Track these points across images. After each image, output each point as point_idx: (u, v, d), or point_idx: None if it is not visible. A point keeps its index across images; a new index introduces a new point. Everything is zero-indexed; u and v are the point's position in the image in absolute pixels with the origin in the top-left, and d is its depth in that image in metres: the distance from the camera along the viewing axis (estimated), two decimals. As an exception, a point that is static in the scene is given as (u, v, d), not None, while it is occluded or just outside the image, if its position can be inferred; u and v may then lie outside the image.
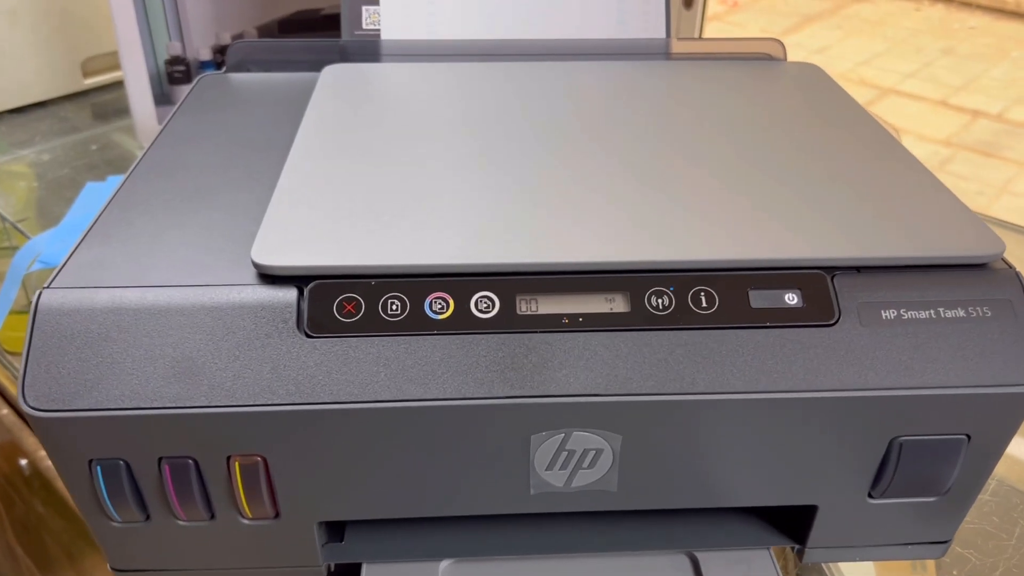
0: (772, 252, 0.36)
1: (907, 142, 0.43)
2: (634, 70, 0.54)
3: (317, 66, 0.53)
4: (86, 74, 0.92)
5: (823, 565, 0.48)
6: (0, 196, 0.77)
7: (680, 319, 0.35)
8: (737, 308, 0.35)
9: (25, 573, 0.99)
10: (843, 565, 0.48)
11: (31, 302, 0.34)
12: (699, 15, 1.04)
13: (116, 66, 0.86)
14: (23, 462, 0.80)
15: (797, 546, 0.41)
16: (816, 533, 0.40)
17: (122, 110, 0.90)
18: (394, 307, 0.35)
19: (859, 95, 0.49)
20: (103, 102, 0.91)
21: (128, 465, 0.35)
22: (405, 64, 0.54)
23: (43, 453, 0.76)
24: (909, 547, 0.41)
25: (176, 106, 0.51)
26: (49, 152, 0.81)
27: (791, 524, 0.41)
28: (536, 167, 0.42)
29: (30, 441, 0.77)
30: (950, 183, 0.40)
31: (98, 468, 0.34)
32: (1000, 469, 0.51)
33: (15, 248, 0.68)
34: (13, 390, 0.70)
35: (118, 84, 0.93)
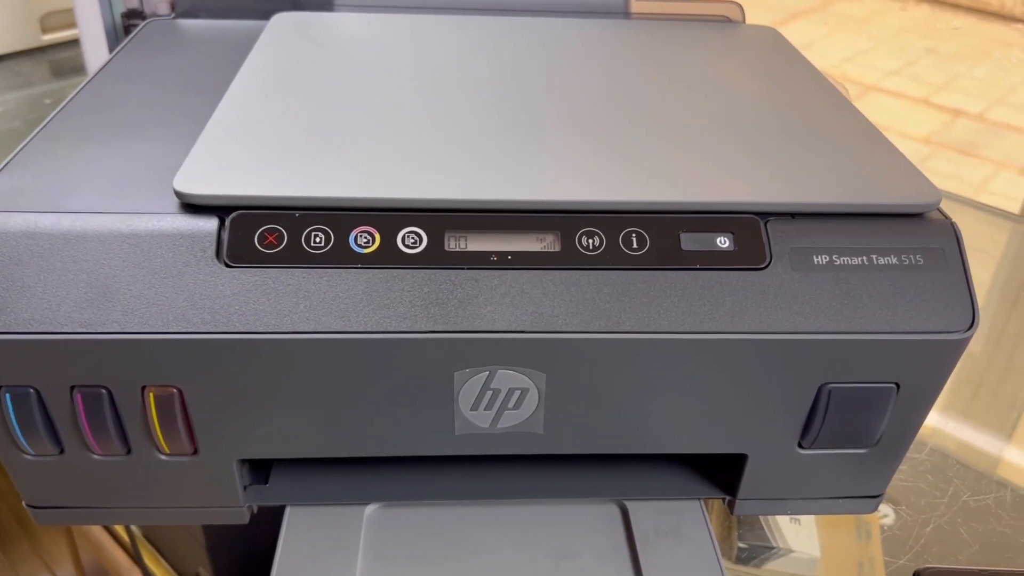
0: (705, 196, 0.36)
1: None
2: (589, 26, 0.53)
3: (268, 15, 0.53)
4: (45, 30, 0.91)
5: (763, 525, 0.47)
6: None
7: (610, 259, 0.35)
8: (668, 250, 0.35)
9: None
10: (783, 524, 0.47)
11: None
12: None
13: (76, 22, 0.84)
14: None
15: (728, 497, 0.40)
16: (746, 484, 0.39)
17: (80, 67, 0.88)
18: (317, 239, 0.34)
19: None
20: (61, 59, 0.90)
21: (39, 393, 0.34)
22: (356, 14, 0.53)
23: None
24: (840, 501, 0.40)
25: (118, 47, 0.50)
26: (2, 104, 0.79)
27: (722, 476, 0.41)
28: (474, 111, 0.41)
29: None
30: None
31: (7, 396, 0.33)
32: (942, 443, 0.51)
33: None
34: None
35: (77, 41, 0.91)
